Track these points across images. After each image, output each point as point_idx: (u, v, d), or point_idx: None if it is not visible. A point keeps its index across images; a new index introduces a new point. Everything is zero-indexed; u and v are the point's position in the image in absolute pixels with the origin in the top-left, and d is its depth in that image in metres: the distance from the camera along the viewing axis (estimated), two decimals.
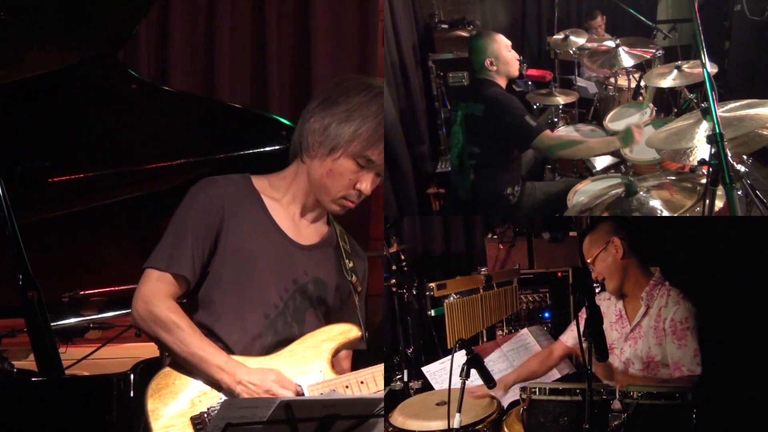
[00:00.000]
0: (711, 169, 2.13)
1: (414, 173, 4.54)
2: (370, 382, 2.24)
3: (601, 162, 3.88)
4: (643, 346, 2.64)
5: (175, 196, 2.35)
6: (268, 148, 3.02)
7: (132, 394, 2.28)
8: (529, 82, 5.18)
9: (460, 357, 2.43)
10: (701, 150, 2.34)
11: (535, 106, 4.81)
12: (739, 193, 2.50)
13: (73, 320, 2.91)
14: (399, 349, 3.77)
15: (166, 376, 2.16)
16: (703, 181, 2.36)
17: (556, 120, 4.69)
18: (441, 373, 3.05)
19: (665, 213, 2.52)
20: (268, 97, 3.79)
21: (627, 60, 4.41)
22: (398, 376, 3.69)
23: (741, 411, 2.69)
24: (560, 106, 4.70)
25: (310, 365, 2.23)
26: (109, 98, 2.82)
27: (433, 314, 3.62)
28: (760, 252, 2.74)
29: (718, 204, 2.26)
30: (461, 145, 3.71)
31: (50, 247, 2.82)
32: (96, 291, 2.97)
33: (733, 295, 2.83)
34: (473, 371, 2.39)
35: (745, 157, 2.91)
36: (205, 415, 2.10)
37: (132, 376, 2.25)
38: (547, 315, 3.94)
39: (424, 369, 3.11)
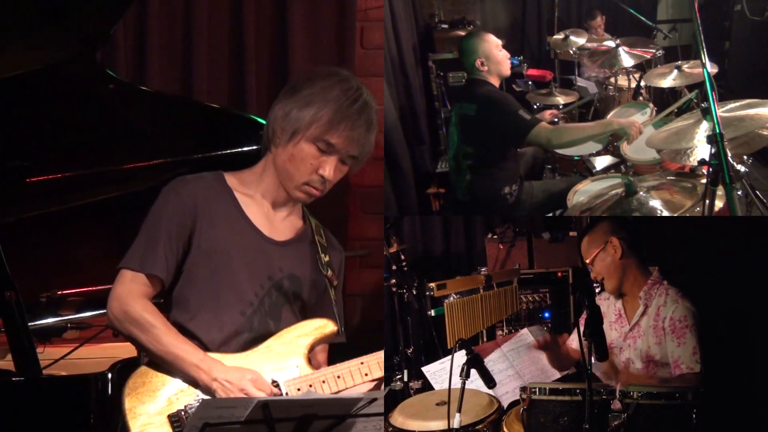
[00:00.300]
0: (711, 169, 2.13)
1: (414, 173, 4.55)
2: (346, 377, 2.24)
3: (601, 162, 3.88)
4: (643, 345, 2.64)
5: (153, 196, 2.35)
6: (246, 148, 3.03)
7: (110, 394, 2.28)
8: (529, 82, 5.18)
9: (460, 357, 2.43)
10: (701, 150, 2.34)
11: (535, 106, 4.81)
12: (739, 193, 2.50)
13: (50, 320, 2.90)
14: (399, 349, 3.77)
15: (143, 375, 2.15)
16: (703, 181, 2.36)
17: (556, 120, 4.69)
18: (441, 373, 3.04)
19: (665, 213, 2.52)
20: (246, 97, 3.80)
21: (627, 60, 4.41)
22: (398, 376, 3.69)
23: (741, 411, 2.69)
24: (560, 106, 4.70)
25: (286, 361, 2.23)
26: (86, 98, 2.82)
27: (433, 314, 3.62)
28: (760, 252, 2.74)
29: (718, 204, 2.27)
30: (456, 146, 3.71)
31: (28, 247, 2.82)
32: (73, 291, 2.96)
33: (733, 295, 2.83)
34: (473, 371, 2.39)
35: (745, 157, 2.91)
36: (183, 413, 2.10)
37: (110, 376, 2.26)
38: (547, 315, 3.94)
39: (424, 369, 3.11)
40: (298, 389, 2.19)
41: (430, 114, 5.35)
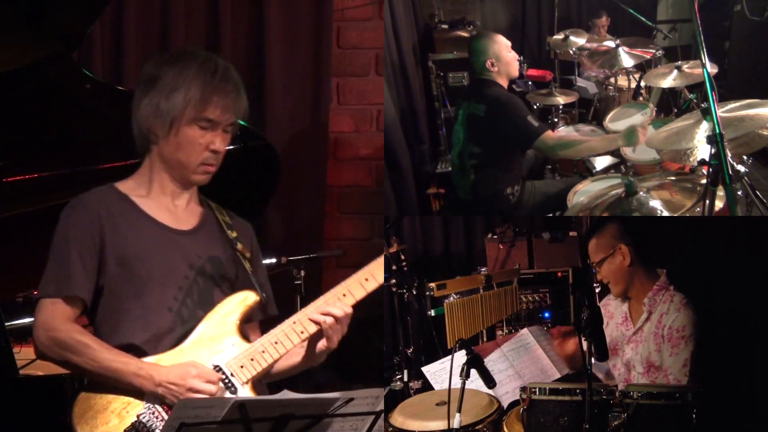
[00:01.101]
0: (711, 170, 2.13)
1: (414, 173, 4.55)
2: (284, 340, 2.23)
3: (601, 162, 3.88)
4: (644, 350, 2.64)
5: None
6: None
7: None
8: (529, 82, 5.18)
9: (460, 357, 2.43)
10: (701, 150, 2.34)
11: (535, 106, 4.81)
12: (739, 193, 2.50)
13: (27, 320, 2.86)
14: (399, 349, 3.77)
15: (86, 400, 2.13)
16: (703, 181, 2.35)
17: (556, 120, 4.69)
18: (441, 373, 3.04)
19: (665, 213, 2.52)
20: None
21: (627, 60, 4.41)
22: (398, 376, 3.69)
23: (741, 411, 2.69)
24: (560, 106, 4.70)
25: (221, 343, 2.22)
26: (63, 98, 2.83)
27: (433, 314, 3.61)
28: (760, 252, 2.74)
29: (718, 204, 2.26)
30: (462, 145, 3.71)
31: (4, 247, 2.82)
32: None
33: (733, 295, 2.83)
34: (473, 371, 2.39)
35: (745, 157, 2.91)
36: (138, 423, 2.10)
37: (86, 376, 2.24)
38: (547, 315, 3.94)
39: (424, 369, 3.11)
40: (242, 366, 2.19)
41: (430, 114, 5.34)
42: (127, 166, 2.86)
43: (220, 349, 2.21)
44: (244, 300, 2.29)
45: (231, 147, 3.04)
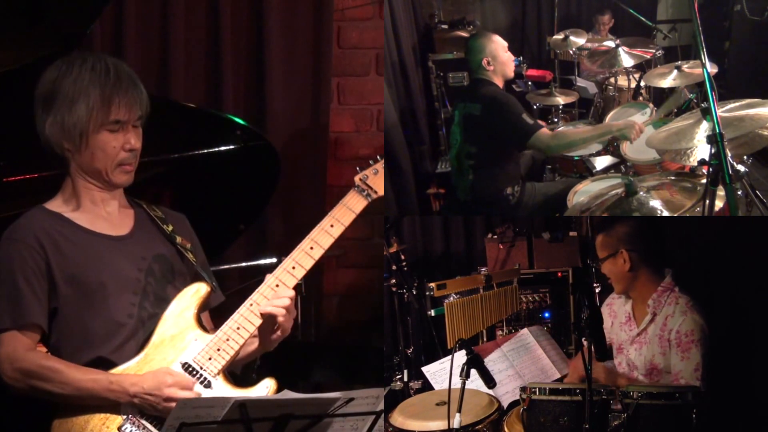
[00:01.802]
0: (711, 169, 2.13)
1: (414, 173, 4.55)
2: (245, 324, 2.22)
3: (601, 162, 3.88)
4: (648, 352, 2.63)
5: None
6: (222, 148, 3.03)
7: None
8: (529, 83, 5.18)
9: (460, 357, 2.43)
10: (701, 150, 2.34)
11: (535, 107, 4.81)
12: (740, 193, 2.50)
13: None
14: (399, 349, 3.77)
15: (62, 425, 2.13)
16: (703, 181, 2.35)
17: (556, 120, 4.69)
18: (441, 373, 3.04)
19: (665, 213, 2.51)
20: (222, 97, 3.81)
21: (627, 60, 4.41)
22: (398, 376, 3.69)
23: (741, 411, 2.69)
24: (560, 106, 4.70)
25: (184, 340, 2.22)
26: None
27: (433, 314, 3.62)
28: (760, 252, 2.74)
29: (718, 204, 2.26)
30: (459, 145, 3.71)
31: None
32: None
33: (733, 295, 2.83)
34: (473, 371, 2.39)
35: (745, 157, 2.91)
36: None
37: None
38: (547, 315, 3.94)
39: (424, 369, 3.11)
40: (210, 358, 2.19)
41: (430, 114, 5.34)
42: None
43: (184, 345, 2.21)
44: (196, 292, 2.29)
45: (231, 147, 3.06)
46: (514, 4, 6.27)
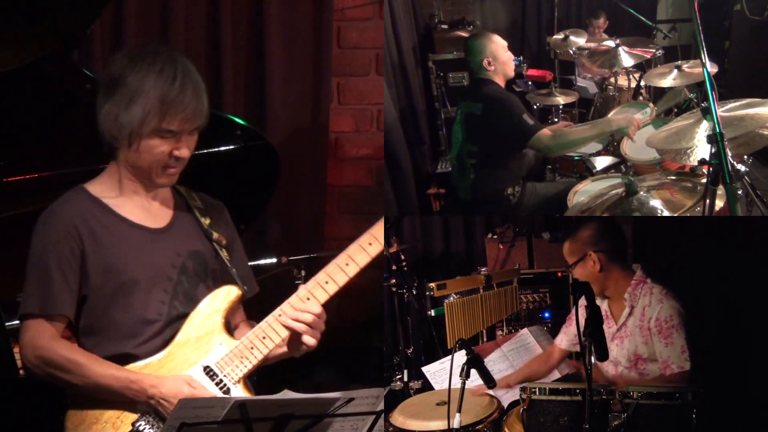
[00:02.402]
0: (711, 169, 2.13)
1: (414, 173, 4.55)
2: (271, 334, 2.21)
3: (602, 162, 3.88)
4: (630, 345, 2.67)
5: None
6: (222, 148, 3.03)
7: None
8: (529, 83, 5.18)
9: (460, 357, 2.43)
10: (701, 150, 2.34)
11: (535, 107, 4.81)
12: (740, 192, 2.50)
13: None
14: (399, 349, 3.77)
15: (76, 414, 2.13)
16: (704, 180, 2.35)
17: (556, 120, 4.69)
18: (441, 373, 3.04)
19: (665, 213, 2.52)
20: (222, 96, 3.81)
21: (627, 60, 4.41)
22: (398, 376, 3.69)
23: (741, 411, 2.69)
24: (560, 106, 4.70)
25: (209, 343, 2.21)
26: (63, 98, 2.82)
27: (433, 314, 3.62)
28: (760, 252, 2.74)
29: (719, 204, 2.26)
30: (461, 145, 3.71)
31: (4, 247, 2.80)
32: None
33: (734, 295, 2.83)
34: (473, 371, 2.39)
35: (745, 156, 2.91)
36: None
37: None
38: (547, 315, 3.94)
39: (424, 369, 3.11)
40: (232, 365, 2.19)
41: (430, 114, 5.34)
42: None
43: (209, 348, 2.20)
44: (227, 296, 2.27)
45: (231, 147, 3.06)
46: (514, 4, 6.27)
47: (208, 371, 2.18)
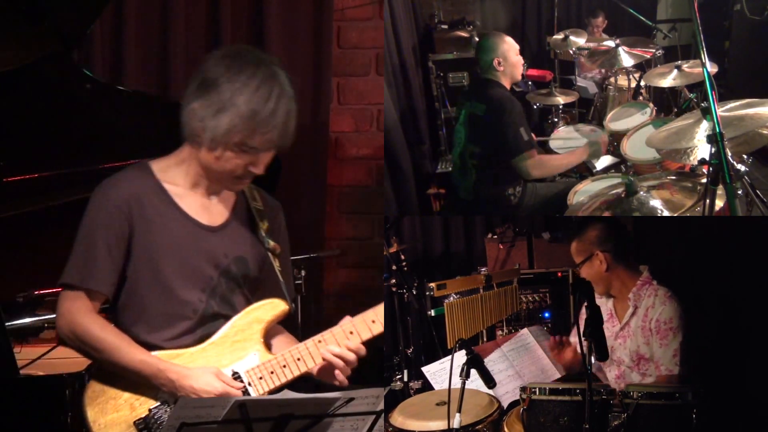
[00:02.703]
0: (711, 169, 2.13)
1: (414, 173, 4.55)
2: (306, 358, 2.21)
3: (602, 162, 3.88)
4: (632, 344, 2.68)
5: None
6: None
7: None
8: (529, 82, 5.18)
9: (460, 357, 2.43)
10: (701, 149, 2.34)
11: (535, 106, 4.81)
12: (740, 192, 2.50)
13: (28, 320, 2.90)
14: (399, 349, 3.77)
15: (97, 385, 2.14)
16: (704, 180, 2.35)
17: (556, 120, 4.69)
18: (441, 373, 3.04)
19: (665, 213, 2.52)
20: None
21: (627, 60, 4.41)
22: (398, 376, 3.69)
23: (741, 411, 2.69)
24: (560, 106, 4.70)
25: (245, 349, 2.21)
26: (63, 98, 2.82)
27: (433, 314, 3.62)
28: (760, 252, 2.74)
29: (719, 203, 2.26)
30: (463, 145, 3.71)
31: (4, 247, 2.81)
32: (51, 291, 2.92)
33: (733, 295, 2.83)
34: (473, 371, 2.39)
35: (745, 156, 2.91)
36: (150, 418, 2.10)
37: (86, 376, 2.24)
38: (547, 315, 3.94)
39: (424, 369, 3.11)
40: (261, 378, 2.18)
41: (430, 114, 5.34)
42: (126, 166, 2.87)
43: (242, 356, 2.21)
44: (273, 309, 2.27)
45: None
46: (514, 4, 6.27)
47: (237, 377, 2.17)
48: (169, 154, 2.26)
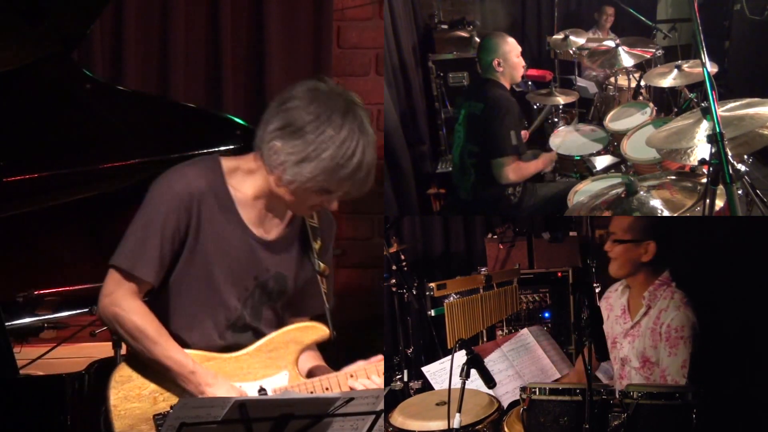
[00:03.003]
0: (711, 169, 2.13)
1: (414, 173, 4.55)
2: (334, 388, 2.23)
3: (602, 162, 3.89)
4: (639, 345, 2.64)
5: (130, 195, 2.34)
6: (222, 148, 3.03)
7: (86, 394, 2.28)
8: (529, 82, 5.18)
9: (460, 357, 2.43)
10: (701, 149, 2.34)
11: (535, 106, 4.81)
12: (740, 192, 2.50)
13: (27, 320, 2.87)
14: (399, 349, 3.77)
15: (126, 370, 2.14)
16: (704, 180, 2.35)
17: (556, 120, 4.69)
18: (441, 373, 3.04)
19: (665, 213, 2.51)
20: (222, 96, 3.82)
21: (627, 60, 4.41)
22: (398, 376, 3.69)
23: (741, 411, 2.69)
24: (560, 106, 4.70)
25: (276, 367, 2.22)
26: (63, 98, 2.83)
27: (433, 314, 3.62)
28: (761, 252, 2.74)
29: (719, 203, 2.26)
30: (462, 144, 3.72)
31: (4, 247, 2.82)
32: (51, 290, 2.94)
33: (733, 295, 2.83)
34: (473, 371, 2.39)
35: (745, 156, 2.91)
36: (168, 414, 2.10)
37: (86, 376, 2.25)
38: (547, 315, 3.94)
39: (424, 369, 3.11)
40: (274, 390, 2.19)
41: (430, 114, 5.34)
42: (126, 166, 2.88)
43: (272, 373, 2.21)
44: (314, 333, 2.28)
45: (231, 147, 3.06)
46: (514, 4, 6.26)
47: (262, 393, 2.18)
48: (240, 155, 2.23)
